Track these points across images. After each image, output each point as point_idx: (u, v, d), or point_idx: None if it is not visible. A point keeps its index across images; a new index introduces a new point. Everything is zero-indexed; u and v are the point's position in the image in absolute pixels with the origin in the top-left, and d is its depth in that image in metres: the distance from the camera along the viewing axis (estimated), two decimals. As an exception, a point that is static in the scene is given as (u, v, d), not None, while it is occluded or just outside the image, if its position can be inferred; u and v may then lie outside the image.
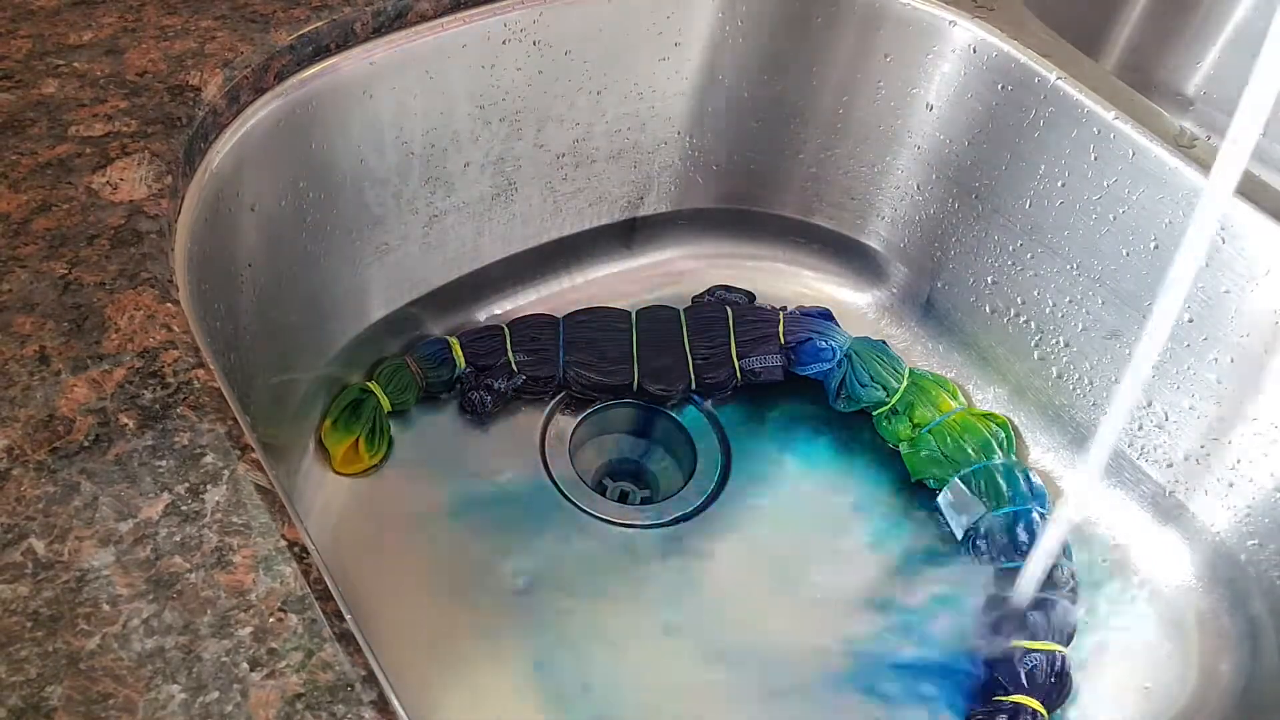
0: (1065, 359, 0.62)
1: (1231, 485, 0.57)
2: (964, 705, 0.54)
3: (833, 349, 0.65)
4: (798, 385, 0.66)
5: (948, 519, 0.61)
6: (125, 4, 0.51)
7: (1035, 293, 0.62)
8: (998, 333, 0.65)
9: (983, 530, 0.59)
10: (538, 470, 0.62)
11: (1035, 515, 0.59)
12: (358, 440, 0.60)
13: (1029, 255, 0.62)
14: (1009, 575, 0.57)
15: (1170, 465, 0.59)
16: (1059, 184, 0.59)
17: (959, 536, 0.60)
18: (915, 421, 0.63)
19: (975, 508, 0.60)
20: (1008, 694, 0.53)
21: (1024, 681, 0.53)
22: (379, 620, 0.54)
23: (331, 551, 0.57)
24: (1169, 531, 0.60)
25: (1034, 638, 0.54)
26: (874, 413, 0.65)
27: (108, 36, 0.49)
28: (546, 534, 0.59)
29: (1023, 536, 0.58)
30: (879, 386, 0.64)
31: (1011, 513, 0.59)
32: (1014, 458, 0.62)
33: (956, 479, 0.61)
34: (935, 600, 0.58)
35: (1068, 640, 0.55)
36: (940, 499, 0.61)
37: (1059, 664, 0.54)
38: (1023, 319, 0.64)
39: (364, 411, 0.61)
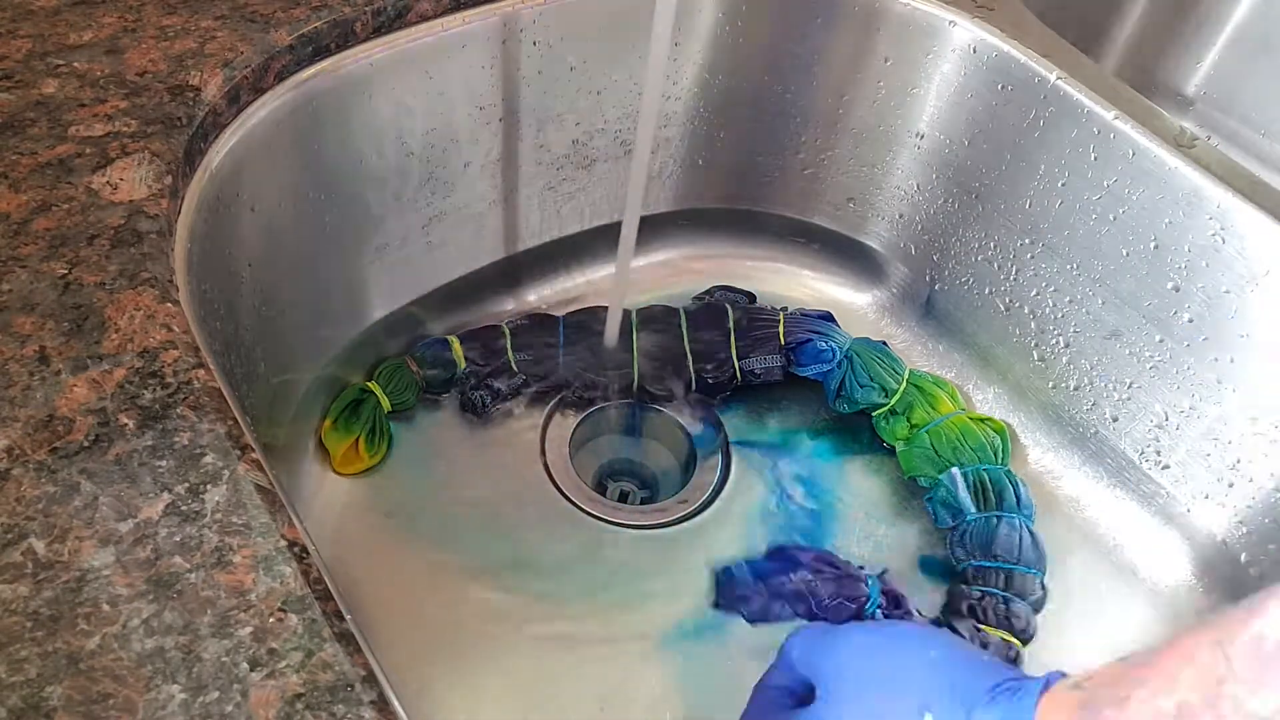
0: (1065, 359, 0.62)
1: (1231, 485, 0.57)
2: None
3: (832, 350, 0.65)
4: (798, 385, 0.66)
5: (935, 517, 0.61)
6: (125, 4, 0.51)
7: (1035, 293, 0.62)
8: (998, 332, 0.65)
9: (964, 530, 0.59)
10: (538, 470, 0.62)
11: (1019, 523, 0.59)
12: (358, 440, 0.60)
13: (1029, 255, 0.62)
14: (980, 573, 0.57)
15: (1170, 465, 0.59)
16: (1059, 184, 0.59)
17: (942, 531, 0.60)
18: (913, 422, 0.63)
19: (961, 506, 0.60)
20: None
21: None
22: (379, 620, 0.54)
23: (331, 551, 0.57)
24: (1169, 531, 0.60)
25: (989, 623, 0.55)
26: (873, 414, 0.65)
27: (108, 36, 0.49)
28: (547, 534, 0.59)
29: (1003, 541, 0.58)
30: (878, 388, 0.64)
31: (995, 517, 0.59)
32: (1008, 465, 0.62)
33: (945, 476, 0.61)
34: (929, 599, 0.58)
35: (1025, 639, 0.55)
36: (927, 495, 0.61)
37: (1012, 656, 0.54)
38: (1022, 319, 0.64)
39: (364, 411, 0.61)
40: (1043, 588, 0.57)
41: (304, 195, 0.55)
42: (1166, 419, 0.59)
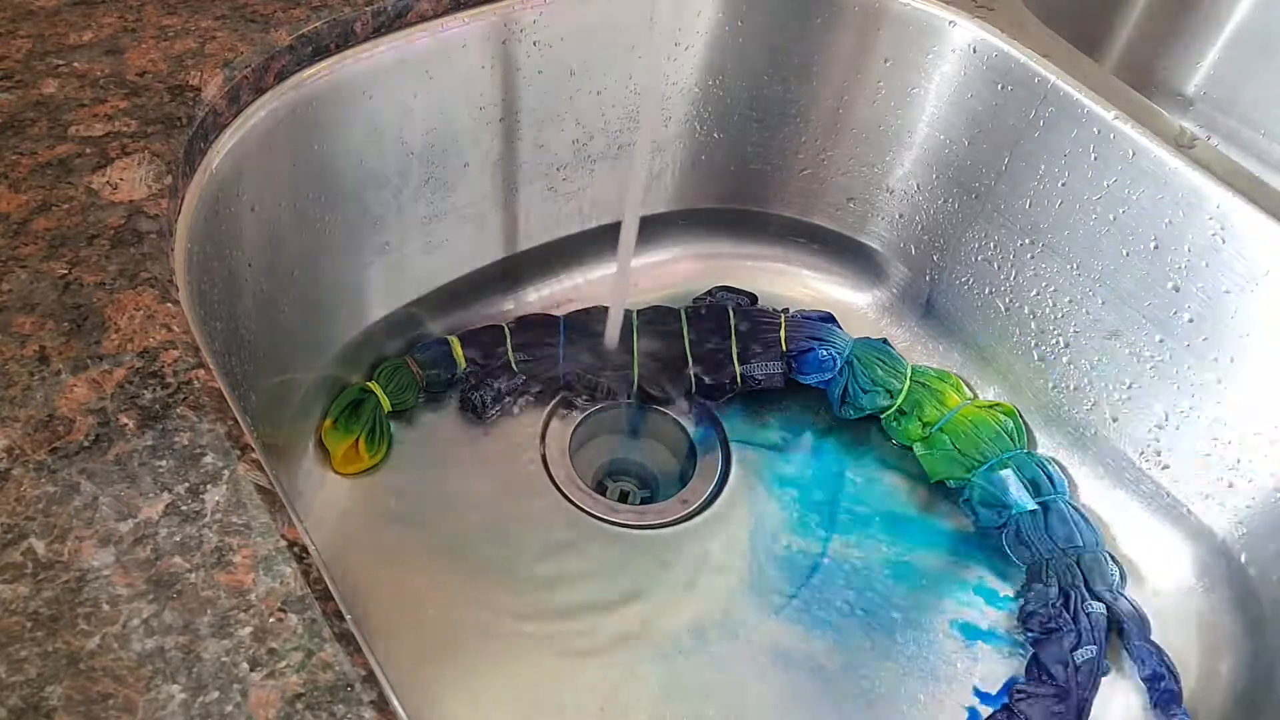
0: (1065, 359, 0.62)
1: (1231, 485, 0.57)
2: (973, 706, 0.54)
3: (834, 358, 0.65)
4: (801, 384, 0.66)
5: (978, 517, 0.61)
6: (125, 4, 0.51)
7: (1035, 293, 0.62)
8: (998, 333, 0.65)
9: (1015, 526, 0.59)
10: (538, 470, 0.62)
11: (1064, 505, 0.59)
12: (358, 440, 0.60)
13: (1029, 255, 0.62)
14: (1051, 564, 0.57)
15: (1170, 465, 0.59)
16: (1059, 184, 0.59)
17: (991, 533, 0.60)
18: (924, 420, 0.63)
19: (1010, 493, 0.59)
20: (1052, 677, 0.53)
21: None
22: (379, 620, 0.54)
23: (331, 551, 0.57)
24: (1169, 531, 0.60)
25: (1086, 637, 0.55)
26: (881, 415, 0.65)
27: (108, 36, 0.49)
28: (546, 534, 0.59)
29: (1056, 529, 0.58)
30: (882, 391, 0.64)
31: (1041, 505, 0.59)
32: (1025, 446, 0.63)
33: (980, 475, 0.60)
34: (949, 602, 0.58)
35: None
36: (964, 496, 0.61)
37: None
38: (1023, 319, 0.64)
39: (364, 411, 0.61)
40: (1113, 560, 0.58)
41: (304, 195, 0.55)
42: (1166, 419, 0.59)
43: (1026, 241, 0.62)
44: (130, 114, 0.45)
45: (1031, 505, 0.59)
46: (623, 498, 0.64)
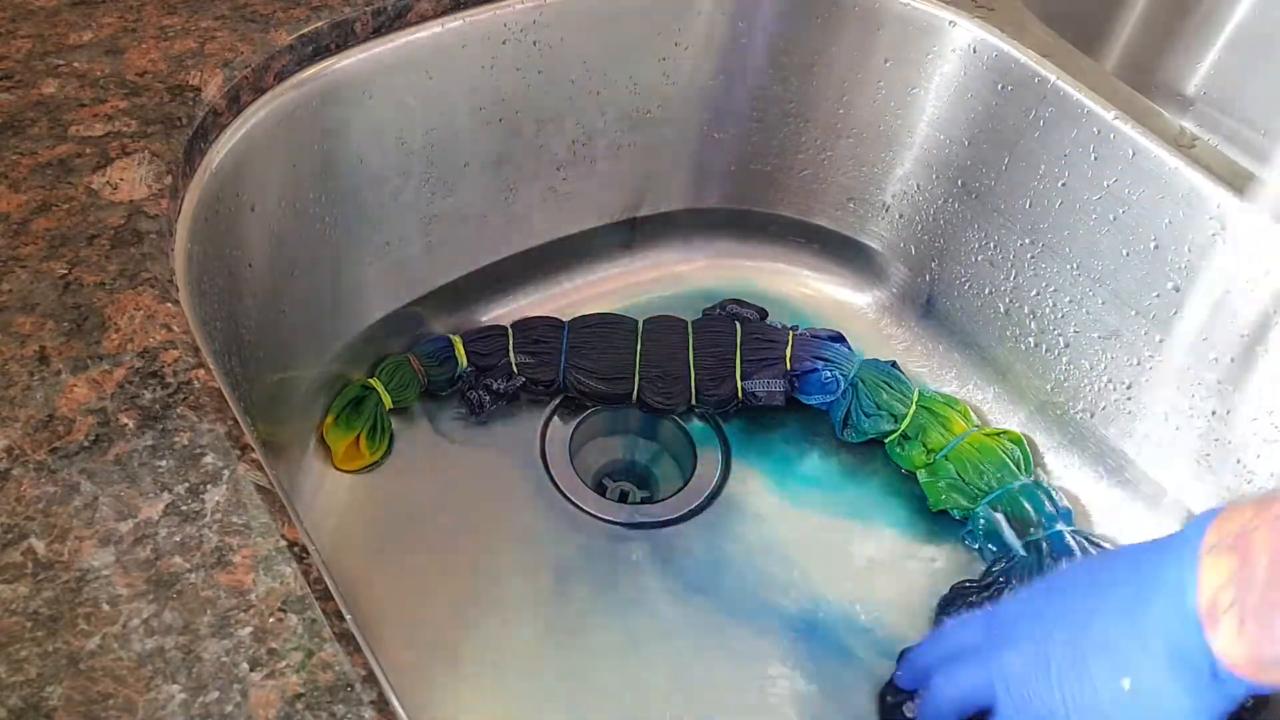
0: (1065, 359, 0.62)
1: (1231, 485, 0.57)
2: None
3: (837, 380, 0.63)
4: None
5: (978, 549, 0.60)
6: (125, 4, 0.51)
7: (1035, 293, 0.62)
8: (998, 333, 0.65)
9: (1014, 559, 0.58)
10: (538, 469, 0.62)
11: (1067, 537, 0.57)
12: (359, 437, 0.60)
13: (1029, 255, 0.62)
14: None
15: (1170, 465, 0.59)
16: (1059, 184, 0.59)
17: (988, 565, 0.59)
18: (929, 447, 0.62)
19: (1005, 535, 0.59)
20: None
21: None
22: (379, 620, 0.55)
23: (331, 551, 0.57)
24: (1169, 532, 0.60)
25: None
26: (885, 440, 0.64)
27: (108, 36, 0.49)
28: (546, 533, 0.59)
29: (1055, 560, 0.57)
30: (886, 415, 0.63)
31: (1041, 543, 0.58)
32: (1033, 476, 0.61)
33: (983, 508, 0.59)
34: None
35: None
36: (968, 529, 0.60)
37: None
38: (1023, 319, 0.64)
39: (365, 408, 0.61)
40: None
41: (304, 195, 0.55)
42: (1166, 419, 0.58)
43: (1026, 241, 0.62)
44: (130, 114, 0.45)
45: (1020, 551, 0.58)
46: (622, 498, 0.64)
